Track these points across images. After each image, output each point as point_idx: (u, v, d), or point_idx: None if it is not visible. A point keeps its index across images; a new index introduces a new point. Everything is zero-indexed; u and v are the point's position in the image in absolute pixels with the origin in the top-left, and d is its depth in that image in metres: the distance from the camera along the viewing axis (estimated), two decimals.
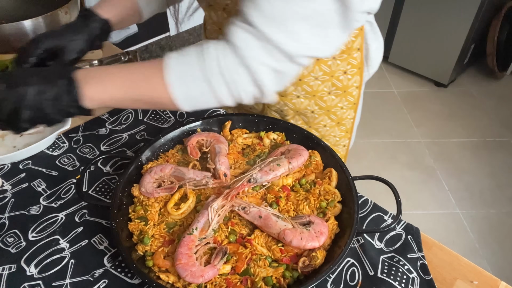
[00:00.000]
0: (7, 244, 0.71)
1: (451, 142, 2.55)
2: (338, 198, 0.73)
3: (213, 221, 0.66)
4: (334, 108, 0.98)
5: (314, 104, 0.97)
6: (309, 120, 1.01)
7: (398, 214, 0.69)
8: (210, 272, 0.60)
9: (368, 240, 0.71)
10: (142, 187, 0.73)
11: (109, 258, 0.69)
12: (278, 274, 0.62)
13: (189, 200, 0.71)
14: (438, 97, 2.89)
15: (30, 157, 0.87)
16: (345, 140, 1.07)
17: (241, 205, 0.68)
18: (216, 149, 0.78)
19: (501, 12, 2.71)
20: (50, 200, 0.78)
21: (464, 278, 0.67)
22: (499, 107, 2.81)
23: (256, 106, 1.05)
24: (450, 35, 2.68)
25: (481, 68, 3.10)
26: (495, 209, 2.15)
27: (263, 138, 0.83)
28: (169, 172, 0.75)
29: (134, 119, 0.98)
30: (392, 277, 0.65)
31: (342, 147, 1.09)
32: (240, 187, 0.71)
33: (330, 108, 0.98)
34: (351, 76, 0.93)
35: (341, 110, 0.99)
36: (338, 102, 0.97)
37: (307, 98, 0.96)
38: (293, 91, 0.95)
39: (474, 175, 2.33)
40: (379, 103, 2.83)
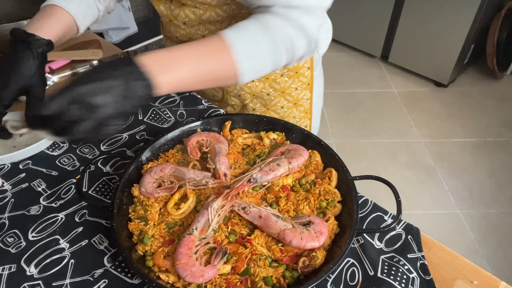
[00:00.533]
0: (7, 244, 0.71)
1: (451, 142, 2.55)
2: (338, 198, 0.73)
3: (213, 221, 0.66)
4: (288, 90, 1.04)
5: (268, 87, 1.03)
6: (266, 103, 1.07)
7: (398, 214, 0.69)
8: (210, 272, 0.60)
9: (368, 240, 0.71)
10: (142, 187, 0.73)
11: (109, 258, 0.69)
12: (278, 274, 0.62)
13: (189, 200, 0.71)
14: (438, 97, 2.89)
15: (30, 157, 0.87)
16: (305, 120, 1.13)
17: (241, 205, 0.68)
18: (216, 149, 0.78)
19: (501, 12, 2.71)
20: (50, 200, 0.78)
21: (464, 278, 0.67)
22: (499, 107, 2.81)
23: (217, 94, 1.09)
24: (450, 35, 2.68)
25: (481, 68, 3.10)
26: (495, 209, 2.15)
27: (263, 138, 0.83)
28: (169, 172, 0.75)
29: (134, 119, 0.98)
30: (392, 277, 0.65)
31: (304, 127, 1.12)
32: (240, 187, 0.71)
33: (285, 90, 1.04)
34: None
35: (296, 91, 1.05)
36: (291, 83, 1.04)
37: (261, 81, 1.02)
38: None
39: (474, 175, 2.33)
40: (379, 103, 2.83)
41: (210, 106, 1.01)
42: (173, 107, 1.01)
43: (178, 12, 0.89)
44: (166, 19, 0.93)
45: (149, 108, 1.01)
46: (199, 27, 0.92)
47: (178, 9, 0.89)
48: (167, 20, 0.93)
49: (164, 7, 0.91)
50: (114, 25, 2.64)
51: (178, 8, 0.89)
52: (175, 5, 0.89)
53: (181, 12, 0.89)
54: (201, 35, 0.93)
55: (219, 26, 0.90)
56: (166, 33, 1.06)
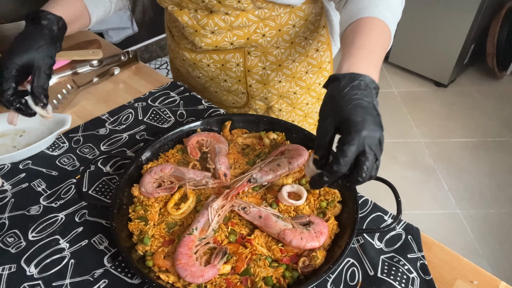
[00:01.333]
0: (7, 244, 0.71)
1: (451, 142, 2.55)
2: (338, 198, 0.73)
3: (213, 221, 0.66)
4: (313, 86, 1.06)
5: (295, 85, 1.03)
6: (293, 102, 1.07)
7: (398, 214, 0.69)
8: (210, 272, 0.60)
9: (368, 240, 0.71)
10: (142, 187, 0.73)
11: (109, 258, 0.69)
12: (278, 274, 0.62)
13: (189, 200, 0.71)
14: (438, 97, 2.89)
15: (30, 157, 0.87)
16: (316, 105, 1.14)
17: (241, 205, 0.68)
18: (216, 149, 0.78)
19: (501, 12, 2.71)
20: (50, 200, 0.78)
21: (464, 278, 0.67)
22: (499, 107, 2.81)
23: (239, 100, 1.07)
24: (450, 35, 2.68)
25: (481, 68, 3.10)
26: (495, 209, 2.15)
27: (263, 138, 0.83)
28: (169, 172, 0.75)
29: (134, 119, 0.98)
30: (392, 277, 0.65)
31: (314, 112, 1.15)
32: (240, 187, 0.71)
33: (310, 86, 1.05)
34: (323, 53, 1.02)
35: (319, 86, 1.07)
36: (316, 79, 1.05)
37: (288, 81, 1.02)
38: (274, 77, 1.00)
39: (474, 175, 2.33)
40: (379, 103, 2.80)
41: (210, 106, 1.01)
42: (173, 107, 1.01)
43: (206, 21, 0.86)
44: (191, 30, 0.89)
45: (149, 108, 1.01)
46: (226, 34, 0.89)
47: (206, 18, 0.86)
48: (192, 30, 0.89)
49: (189, 17, 0.87)
50: (114, 25, 2.64)
51: (205, 16, 0.86)
52: (202, 13, 0.86)
53: (210, 21, 0.86)
54: (229, 42, 0.90)
55: (247, 30, 0.89)
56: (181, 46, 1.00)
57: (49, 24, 0.76)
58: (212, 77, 1.02)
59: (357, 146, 0.52)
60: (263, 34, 0.90)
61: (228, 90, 1.05)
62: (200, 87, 1.11)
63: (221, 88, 1.05)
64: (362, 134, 0.52)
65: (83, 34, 1.31)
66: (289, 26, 0.91)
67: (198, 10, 0.86)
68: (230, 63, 0.96)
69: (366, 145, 0.52)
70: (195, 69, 1.02)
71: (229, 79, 1.01)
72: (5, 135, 0.92)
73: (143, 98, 1.04)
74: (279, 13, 0.87)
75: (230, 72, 0.99)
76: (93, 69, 1.14)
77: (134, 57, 1.18)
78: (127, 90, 1.09)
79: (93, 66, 1.13)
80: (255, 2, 0.82)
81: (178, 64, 1.10)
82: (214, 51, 0.95)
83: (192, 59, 0.99)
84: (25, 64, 0.73)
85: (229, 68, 0.98)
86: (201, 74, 1.03)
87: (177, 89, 1.07)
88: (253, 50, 0.94)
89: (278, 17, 0.88)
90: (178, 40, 1.01)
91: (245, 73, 0.99)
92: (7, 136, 0.92)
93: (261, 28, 0.89)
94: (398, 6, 0.74)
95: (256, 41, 0.91)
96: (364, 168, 0.53)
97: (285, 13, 0.88)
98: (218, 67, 0.98)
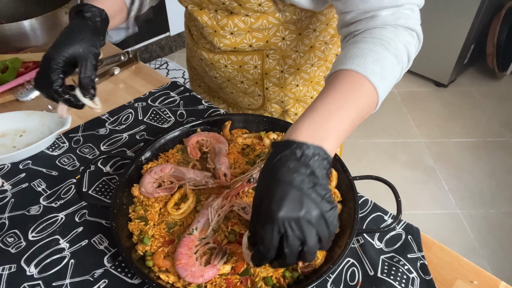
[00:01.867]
0: (7, 244, 0.71)
1: (451, 142, 2.55)
2: (338, 198, 0.73)
3: (213, 221, 0.66)
4: None
5: (312, 90, 1.02)
6: None
7: (398, 214, 0.69)
8: (210, 272, 0.60)
9: (368, 240, 0.71)
10: (142, 187, 0.73)
11: (109, 258, 0.69)
12: (278, 274, 0.62)
13: (189, 200, 0.71)
14: (438, 97, 2.89)
15: (30, 157, 0.87)
16: None
17: (241, 205, 0.68)
18: (216, 149, 0.78)
19: (501, 12, 2.71)
20: (50, 200, 0.78)
21: (464, 278, 0.67)
22: (499, 107, 2.81)
23: (255, 102, 1.06)
24: (450, 35, 2.68)
25: (481, 68, 3.10)
26: (495, 209, 2.15)
27: (263, 138, 0.83)
28: (169, 172, 0.75)
29: (134, 119, 0.98)
30: (392, 277, 0.65)
31: None
32: (240, 187, 0.71)
33: None
34: None
35: None
36: None
37: (305, 85, 1.00)
38: (292, 80, 0.99)
39: (474, 175, 2.33)
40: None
41: (210, 106, 1.01)
42: (173, 107, 1.01)
43: (226, 21, 0.86)
44: (210, 30, 0.89)
45: (149, 108, 1.01)
46: (245, 36, 0.88)
47: (225, 19, 0.85)
48: (211, 30, 0.89)
49: (208, 17, 0.87)
50: None
51: (225, 17, 0.85)
52: (222, 14, 0.85)
53: (229, 22, 0.86)
54: (248, 44, 0.90)
55: (267, 33, 0.88)
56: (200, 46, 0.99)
57: (92, 16, 0.77)
58: (229, 78, 1.01)
59: (273, 228, 0.47)
60: (283, 38, 0.89)
61: (244, 92, 1.04)
62: (216, 87, 1.10)
63: (237, 90, 1.04)
64: (278, 215, 0.47)
65: None
66: (310, 30, 0.90)
67: (218, 11, 0.86)
68: (247, 65, 0.96)
69: (287, 227, 0.47)
70: (212, 69, 1.01)
71: (246, 80, 1.00)
72: (5, 135, 0.92)
73: (143, 98, 1.04)
74: (300, 16, 0.86)
75: (247, 74, 0.98)
76: None
77: (134, 57, 1.18)
78: (127, 90, 1.09)
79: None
80: (277, 5, 0.81)
81: (195, 63, 1.09)
82: (232, 52, 0.94)
83: (209, 59, 0.98)
84: (72, 55, 0.73)
85: (246, 70, 0.97)
86: (218, 75, 1.02)
87: (177, 89, 1.07)
88: (272, 53, 0.93)
89: (299, 21, 0.87)
90: (196, 40, 1.00)
91: (262, 76, 0.98)
92: (7, 136, 0.92)
93: (281, 31, 0.88)
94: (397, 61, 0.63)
95: (276, 44, 0.90)
96: (286, 251, 0.48)
97: (306, 17, 0.87)
98: (236, 68, 0.97)
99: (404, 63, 0.65)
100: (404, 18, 0.66)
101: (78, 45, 0.73)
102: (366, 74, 0.59)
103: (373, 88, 0.59)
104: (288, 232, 0.47)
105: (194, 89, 1.23)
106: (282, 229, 0.47)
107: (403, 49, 0.64)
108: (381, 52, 0.61)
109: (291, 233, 0.47)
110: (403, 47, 0.64)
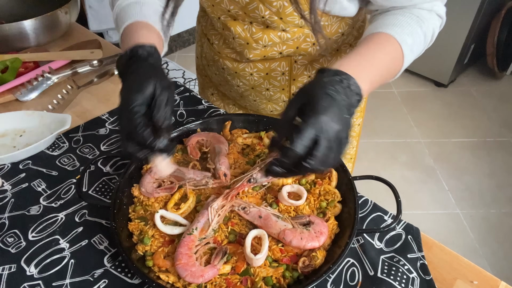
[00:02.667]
0: (7, 244, 0.71)
1: (451, 142, 2.55)
2: (338, 198, 0.73)
3: (213, 221, 0.66)
4: None
5: None
6: None
7: (398, 214, 0.69)
8: (210, 272, 0.60)
9: (368, 240, 0.71)
10: (142, 187, 0.73)
11: (109, 258, 0.69)
12: (278, 274, 0.62)
13: (189, 200, 0.71)
14: (438, 97, 2.89)
15: (30, 157, 0.87)
16: (353, 141, 1.13)
17: (241, 205, 0.68)
18: (216, 149, 0.78)
19: (501, 12, 2.71)
20: (50, 200, 0.78)
21: (464, 278, 0.67)
22: (499, 107, 2.81)
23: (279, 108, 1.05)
24: (450, 35, 2.68)
25: (481, 68, 3.10)
26: (495, 209, 2.15)
27: (263, 138, 0.83)
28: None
29: None
30: (392, 277, 0.65)
31: (352, 148, 1.13)
32: (240, 187, 0.70)
33: None
34: None
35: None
36: None
37: None
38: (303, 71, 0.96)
39: (474, 175, 2.33)
40: (379, 103, 2.83)
41: (210, 106, 1.01)
42: (173, 107, 1.01)
43: (261, 35, 0.84)
44: (242, 41, 0.86)
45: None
46: (275, 44, 0.87)
47: (260, 32, 0.83)
48: (243, 42, 0.86)
49: (242, 28, 0.85)
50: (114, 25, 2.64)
51: (260, 31, 0.83)
52: (257, 27, 0.83)
53: (265, 36, 0.84)
54: (278, 52, 0.88)
55: (297, 40, 0.86)
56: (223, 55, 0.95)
57: (149, 54, 0.66)
58: (253, 86, 0.99)
59: (314, 128, 0.51)
60: (313, 43, 0.88)
61: (269, 99, 1.02)
62: (236, 95, 1.07)
63: (262, 97, 1.02)
64: (321, 119, 0.51)
65: (83, 34, 1.31)
66: (338, 35, 0.89)
67: (254, 23, 0.84)
68: (275, 71, 0.94)
69: (323, 131, 0.51)
70: (235, 77, 0.99)
71: (272, 88, 0.98)
72: (5, 135, 0.92)
73: None
74: (331, 22, 0.86)
75: (274, 81, 0.96)
76: (93, 69, 1.13)
77: None
78: None
79: (93, 66, 1.13)
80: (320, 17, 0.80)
81: (213, 72, 1.06)
82: (259, 61, 0.92)
83: (233, 68, 0.96)
84: (147, 97, 0.59)
85: (273, 77, 0.95)
86: (242, 83, 0.99)
87: (177, 89, 1.07)
88: (301, 59, 0.92)
89: (329, 26, 0.86)
90: (218, 49, 0.97)
91: (289, 82, 0.96)
92: (7, 136, 0.92)
93: (311, 37, 0.87)
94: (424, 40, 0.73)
95: (306, 50, 0.89)
96: (315, 154, 0.51)
97: (336, 21, 0.86)
98: (262, 76, 0.95)
99: (427, 43, 0.75)
100: (437, 6, 0.75)
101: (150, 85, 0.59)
102: (401, 42, 0.67)
103: (402, 57, 0.68)
104: (322, 135, 0.51)
105: (205, 97, 1.18)
106: (318, 131, 0.51)
107: (431, 31, 0.73)
108: (416, 28, 0.70)
109: (324, 137, 0.51)
110: (431, 29, 0.73)
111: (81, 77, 1.11)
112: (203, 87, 1.20)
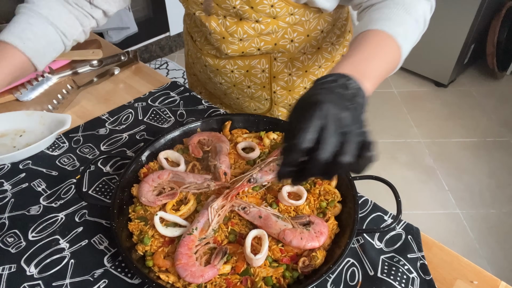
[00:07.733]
0: (7, 244, 0.71)
1: (451, 142, 2.55)
2: (338, 198, 0.73)
3: (213, 221, 0.66)
4: None
5: None
6: None
7: (398, 214, 0.69)
8: (210, 272, 0.60)
9: (368, 240, 0.71)
10: (142, 197, 0.71)
11: (109, 258, 0.69)
12: (278, 274, 0.62)
13: (190, 203, 0.71)
14: (438, 97, 2.89)
15: (30, 157, 0.87)
16: None
17: (241, 205, 0.68)
18: (217, 148, 0.78)
19: (501, 12, 2.71)
20: (50, 200, 0.78)
21: (464, 278, 0.67)
22: (499, 107, 2.81)
23: (262, 106, 1.06)
24: (450, 35, 2.68)
25: (481, 68, 3.10)
26: (495, 209, 2.15)
27: (263, 138, 0.83)
28: (167, 178, 0.74)
29: (134, 119, 0.98)
30: (392, 277, 0.65)
31: None
32: (240, 187, 0.70)
33: None
34: None
35: None
36: None
37: None
38: (300, 83, 0.98)
39: (474, 175, 2.33)
40: (379, 103, 2.83)
41: (210, 106, 1.01)
42: (173, 107, 1.01)
43: (235, 28, 0.85)
44: (218, 36, 0.88)
45: (149, 108, 1.01)
46: (254, 40, 0.88)
47: (235, 26, 0.84)
48: (219, 37, 0.88)
49: (217, 23, 0.86)
50: (114, 25, 2.64)
51: (234, 24, 0.84)
52: (231, 21, 0.84)
53: (239, 29, 0.85)
54: (256, 48, 0.89)
55: (275, 35, 0.87)
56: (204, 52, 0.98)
57: None
58: (235, 83, 1.00)
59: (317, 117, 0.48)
60: (291, 40, 0.89)
61: (251, 97, 1.03)
62: (220, 94, 1.09)
63: (244, 95, 1.03)
64: (323, 107, 0.48)
65: None
66: (318, 32, 0.90)
67: (227, 17, 0.84)
68: (255, 69, 0.95)
69: (329, 119, 0.48)
70: (217, 75, 1.00)
71: (253, 85, 0.99)
72: (5, 135, 0.92)
73: (143, 98, 1.04)
74: (308, 18, 0.86)
75: (255, 78, 0.97)
76: (93, 69, 1.14)
77: (134, 57, 1.18)
78: (127, 90, 1.09)
79: (93, 66, 1.13)
80: (288, 6, 0.80)
81: (198, 70, 1.08)
82: (239, 57, 0.93)
83: (215, 65, 0.97)
84: None
85: (254, 74, 0.96)
86: (224, 80, 1.01)
87: (177, 89, 1.07)
88: (280, 56, 0.92)
89: (307, 22, 0.87)
90: (200, 46, 0.99)
91: (270, 79, 0.97)
92: (7, 136, 0.92)
93: (289, 34, 0.88)
94: (417, 25, 0.72)
95: (284, 47, 0.90)
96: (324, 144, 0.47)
97: (314, 18, 0.87)
98: (243, 73, 0.96)
99: (421, 28, 0.74)
100: None
101: None
102: (393, 34, 0.67)
103: (398, 47, 0.68)
104: (329, 123, 0.48)
105: None
106: (323, 120, 0.48)
107: (422, 15, 0.72)
108: (404, 16, 0.69)
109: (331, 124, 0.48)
110: (422, 13, 0.72)
111: (81, 77, 1.11)
112: (192, 86, 1.22)
